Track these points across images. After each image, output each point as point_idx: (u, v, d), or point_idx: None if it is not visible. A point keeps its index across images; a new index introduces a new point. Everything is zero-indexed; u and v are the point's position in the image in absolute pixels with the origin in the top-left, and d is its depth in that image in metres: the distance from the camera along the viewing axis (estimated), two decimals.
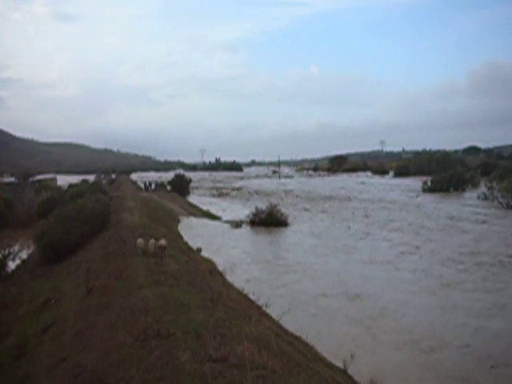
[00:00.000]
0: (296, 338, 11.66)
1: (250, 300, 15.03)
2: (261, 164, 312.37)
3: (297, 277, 21.58)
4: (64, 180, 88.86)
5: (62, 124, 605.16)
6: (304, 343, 11.49)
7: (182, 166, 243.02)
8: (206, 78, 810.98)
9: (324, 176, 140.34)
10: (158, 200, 50.44)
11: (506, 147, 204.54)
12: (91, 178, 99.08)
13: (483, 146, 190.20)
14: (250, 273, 22.25)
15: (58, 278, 18.86)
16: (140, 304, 10.47)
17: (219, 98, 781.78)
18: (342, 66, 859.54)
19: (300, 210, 48.37)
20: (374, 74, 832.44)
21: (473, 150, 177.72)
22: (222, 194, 74.29)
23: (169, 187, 70.23)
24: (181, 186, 68.90)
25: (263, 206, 39.21)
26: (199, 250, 23.75)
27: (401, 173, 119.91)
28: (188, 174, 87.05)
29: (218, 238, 32.10)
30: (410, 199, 57.53)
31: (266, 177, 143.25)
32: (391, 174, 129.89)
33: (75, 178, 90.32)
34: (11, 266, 25.38)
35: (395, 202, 54.35)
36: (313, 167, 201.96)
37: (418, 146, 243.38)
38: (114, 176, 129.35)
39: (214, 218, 43.18)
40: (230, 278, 18.87)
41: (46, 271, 21.20)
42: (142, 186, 76.56)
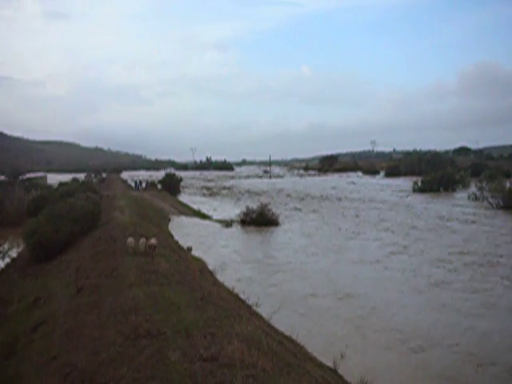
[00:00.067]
0: (286, 338, 11.69)
1: (240, 299, 15.05)
2: (252, 163, 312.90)
3: (287, 276, 21.60)
4: (54, 178, 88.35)
5: (53, 122, 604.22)
6: (294, 343, 11.53)
7: (173, 164, 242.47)
8: (196, 77, 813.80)
9: (315, 176, 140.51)
10: (148, 199, 50.31)
11: (495, 148, 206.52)
12: (82, 176, 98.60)
13: (473, 146, 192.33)
14: (241, 272, 22.25)
15: (48, 276, 18.81)
16: (130, 303, 10.46)
17: (210, 97, 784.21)
18: (333, 66, 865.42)
19: (291, 209, 48.39)
20: (365, 74, 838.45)
21: (463, 151, 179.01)
22: (213, 194, 74.18)
23: (159, 186, 70.03)
24: (171, 185, 68.76)
25: (254, 206, 39.23)
26: (190, 249, 23.69)
27: (391, 173, 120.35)
28: (179, 173, 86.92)
29: (208, 237, 32.06)
30: (400, 199, 57.74)
31: (256, 176, 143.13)
32: (382, 174, 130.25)
33: (65, 177, 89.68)
34: (1, 264, 25.34)
35: (385, 201, 54.51)
36: (304, 167, 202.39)
37: (409, 147, 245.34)
38: (104, 175, 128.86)
39: (204, 217, 43.11)
40: (221, 277, 18.88)
41: (36, 270, 21.11)
42: (133, 184, 76.31)
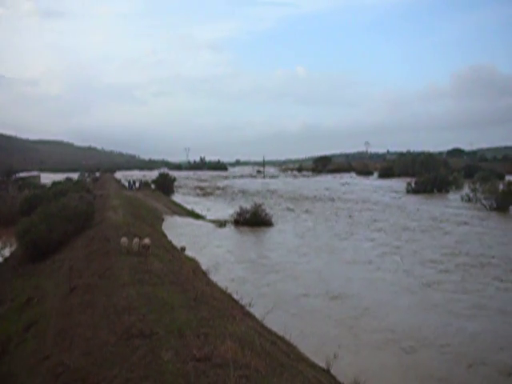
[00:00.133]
0: (279, 338, 11.71)
1: (233, 299, 15.05)
2: (246, 164, 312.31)
3: (280, 276, 21.64)
4: (48, 178, 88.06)
5: (46, 121, 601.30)
6: (287, 343, 11.55)
7: (167, 164, 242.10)
8: (191, 77, 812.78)
9: (308, 176, 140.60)
10: (142, 199, 50.21)
11: (489, 150, 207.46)
12: (75, 176, 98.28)
13: (467, 148, 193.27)
14: (234, 272, 22.27)
15: (41, 276, 18.75)
16: (123, 303, 10.46)
17: (205, 98, 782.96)
18: (328, 66, 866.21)
19: (284, 210, 48.45)
20: (360, 75, 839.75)
21: (456, 152, 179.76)
22: (207, 194, 74.14)
23: (153, 186, 69.89)
24: (165, 185, 68.60)
25: (248, 206, 39.24)
26: (183, 249, 23.70)
27: (385, 174, 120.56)
28: (172, 173, 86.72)
29: (202, 237, 32.05)
30: (393, 200, 57.91)
31: (250, 176, 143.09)
32: (375, 175, 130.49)
33: (59, 176, 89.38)
34: None
35: (379, 202, 54.66)
36: (297, 167, 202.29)
37: (403, 148, 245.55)
38: (98, 174, 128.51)
39: (198, 217, 43.08)
40: (214, 277, 18.88)
41: (29, 269, 21.05)
42: (127, 184, 76.11)
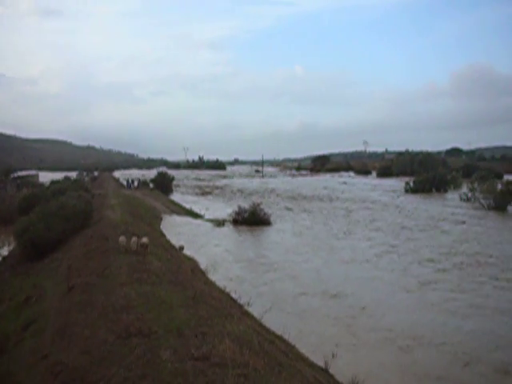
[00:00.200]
0: (277, 337, 11.73)
1: (232, 298, 15.06)
2: (244, 163, 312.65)
3: (278, 275, 21.66)
4: (46, 177, 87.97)
5: (45, 120, 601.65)
6: (285, 342, 11.57)
7: (165, 163, 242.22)
8: (190, 76, 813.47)
9: (307, 176, 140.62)
10: (140, 198, 50.20)
11: (487, 149, 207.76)
12: (74, 174, 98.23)
13: (465, 147, 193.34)
14: (232, 271, 22.29)
15: (40, 275, 18.73)
16: (122, 302, 10.46)
17: (203, 97, 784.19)
18: (327, 66, 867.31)
19: (282, 209, 48.48)
20: (358, 74, 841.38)
21: (455, 152, 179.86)
22: (205, 193, 74.08)
23: (151, 185, 69.89)
24: (163, 184, 68.62)
25: (246, 205, 39.26)
26: (182, 248, 23.70)
27: (383, 173, 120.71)
28: (171, 172, 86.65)
29: (200, 236, 32.06)
30: (391, 199, 57.95)
31: (249, 176, 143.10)
32: (374, 174, 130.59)
33: (57, 175, 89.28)
34: None
35: (377, 202, 54.70)
36: (296, 167, 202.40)
37: (401, 147, 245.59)
38: (96, 173, 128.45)
39: (196, 216, 43.08)
40: (212, 276, 18.89)
41: (27, 268, 21.03)
42: (125, 183, 76.05)
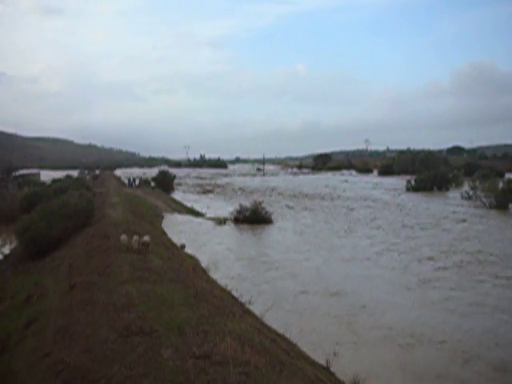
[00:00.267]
0: (279, 335, 11.72)
1: (233, 297, 15.07)
2: (245, 161, 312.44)
3: (279, 274, 21.65)
4: (47, 175, 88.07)
5: (46, 119, 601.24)
6: (287, 340, 11.56)
7: (167, 162, 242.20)
8: (191, 75, 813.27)
9: (308, 174, 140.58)
10: (141, 196, 50.22)
11: (489, 147, 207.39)
12: (75, 173, 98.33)
13: (467, 146, 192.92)
14: (234, 270, 22.28)
15: (41, 273, 18.75)
16: (123, 300, 10.46)
17: (204, 95, 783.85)
18: (328, 64, 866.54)
19: (284, 207, 48.45)
20: (360, 73, 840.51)
21: (456, 150, 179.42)
22: (207, 191, 74.03)
23: (153, 183, 69.87)
24: (165, 183, 68.64)
25: (247, 204, 39.23)
26: (183, 246, 23.70)
27: (385, 172, 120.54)
28: (172, 171, 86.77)
29: (201, 234, 32.06)
30: (393, 198, 57.88)
31: (250, 174, 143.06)
32: (375, 172, 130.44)
33: (59, 174, 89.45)
34: None
35: (378, 200, 54.64)
36: (297, 165, 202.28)
37: (403, 145, 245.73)
38: (97, 172, 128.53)
39: (198, 214, 43.06)
40: (214, 274, 18.90)
41: (29, 266, 21.05)
42: (126, 182, 76.07)
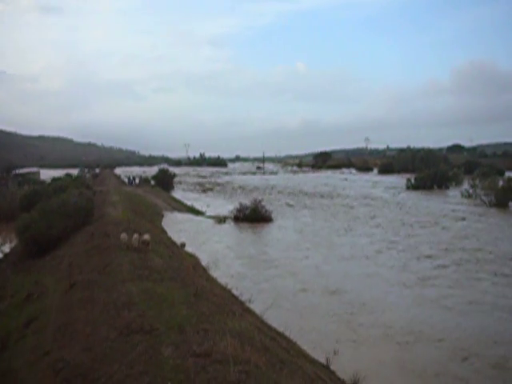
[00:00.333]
0: (279, 334, 11.72)
1: (233, 295, 15.08)
2: (245, 160, 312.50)
3: (279, 272, 21.67)
4: (47, 174, 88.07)
5: (46, 117, 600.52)
6: (287, 339, 11.56)
7: (167, 160, 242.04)
8: (191, 73, 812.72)
9: (308, 172, 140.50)
10: (141, 195, 50.24)
11: (489, 146, 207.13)
12: (75, 172, 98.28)
13: (467, 144, 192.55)
14: (234, 268, 22.29)
15: (41, 272, 18.74)
16: (123, 299, 10.46)
17: (204, 94, 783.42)
18: (328, 63, 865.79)
19: (284, 205, 48.43)
20: (360, 71, 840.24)
21: (456, 148, 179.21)
22: (207, 190, 74.02)
23: (153, 182, 69.86)
24: (165, 181, 68.66)
25: (247, 202, 39.21)
26: (183, 245, 23.68)
27: (385, 170, 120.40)
28: (172, 169, 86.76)
29: (201, 233, 32.07)
30: (392, 196, 57.83)
31: (250, 173, 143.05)
32: (375, 171, 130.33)
33: (59, 172, 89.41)
34: None
35: (378, 198, 54.61)
36: (297, 163, 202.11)
37: (403, 144, 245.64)
38: (97, 170, 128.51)
39: (198, 213, 43.08)
40: (214, 273, 18.90)
41: (29, 265, 21.04)
42: (126, 180, 76.06)
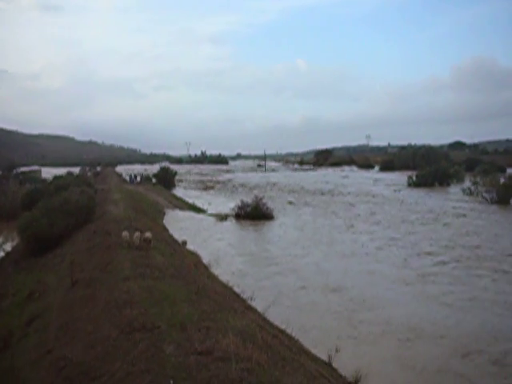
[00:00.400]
0: (281, 331, 11.71)
1: (234, 293, 15.07)
2: (247, 157, 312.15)
3: (280, 269, 21.70)
4: (49, 172, 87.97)
5: (47, 115, 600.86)
6: (289, 336, 11.56)
7: (168, 158, 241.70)
8: (191, 71, 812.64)
9: (309, 170, 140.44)
10: (143, 193, 50.22)
11: (490, 143, 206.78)
12: (76, 170, 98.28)
13: (468, 141, 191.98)
14: (235, 265, 22.30)
15: (43, 270, 18.77)
16: (125, 297, 10.47)
17: (205, 91, 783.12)
18: (329, 60, 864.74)
19: (285, 203, 48.39)
20: (361, 68, 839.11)
21: (458, 145, 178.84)
22: (208, 187, 74.01)
23: (154, 180, 69.84)
24: (166, 179, 68.59)
25: (249, 200, 39.20)
26: (184, 242, 23.67)
27: (386, 167, 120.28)
28: (173, 167, 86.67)
29: (203, 231, 32.08)
30: (393, 193, 57.77)
31: (251, 170, 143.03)
32: (376, 168, 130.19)
33: (60, 171, 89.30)
34: None
35: (379, 196, 54.58)
36: (298, 161, 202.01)
37: (404, 141, 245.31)
38: (99, 168, 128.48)
39: (199, 211, 43.09)
40: (215, 270, 18.89)
41: (31, 263, 21.06)
42: (128, 178, 76.02)
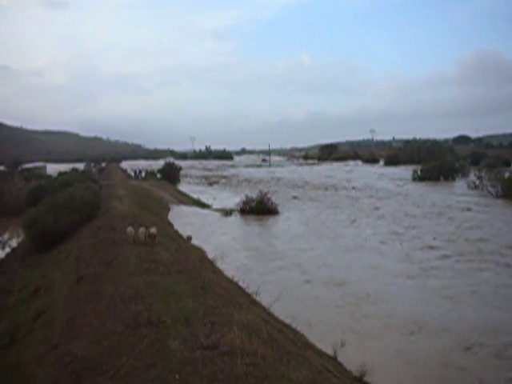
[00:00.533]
0: (286, 326, 11.74)
1: (240, 287, 15.08)
2: (251, 152, 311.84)
3: (285, 264, 21.71)
4: (53, 168, 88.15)
5: (51, 112, 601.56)
6: (294, 330, 11.58)
7: (172, 154, 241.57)
8: (195, 66, 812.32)
9: (314, 165, 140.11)
10: (148, 188, 50.28)
11: (495, 136, 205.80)
12: (81, 166, 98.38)
13: (473, 135, 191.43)
14: (240, 260, 22.31)
15: (48, 266, 18.83)
16: (130, 292, 10.48)
17: (209, 87, 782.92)
18: (333, 54, 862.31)
19: (289, 198, 48.35)
20: (365, 62, 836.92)
21: (463, 139, 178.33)
22: (213, 183, 73.98)
23: (159, 175, 69.87)
24: (171, 175, 68.64)
25: (253, 195, 39.20)
26: (189, 238, 23.73)
27: (391, 161, 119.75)
28: (178, 163, 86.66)
29: (208, 226, 32.10)
30: (398, 188, 57.53)
31: (256, 165, 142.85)
32: (381, 162, 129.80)
33: (65, 167, 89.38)
34: (1, 254, 25.37)
35: (383, 190, 54.41)
36: (303, 156, 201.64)
37: (408, 135, 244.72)
38: (103, 164, 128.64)
39: (204, 206, 43.13)
40: (220, 265, 18.92)
41: (36, 259, 21.15)
42: (132, 174, 76.08)
